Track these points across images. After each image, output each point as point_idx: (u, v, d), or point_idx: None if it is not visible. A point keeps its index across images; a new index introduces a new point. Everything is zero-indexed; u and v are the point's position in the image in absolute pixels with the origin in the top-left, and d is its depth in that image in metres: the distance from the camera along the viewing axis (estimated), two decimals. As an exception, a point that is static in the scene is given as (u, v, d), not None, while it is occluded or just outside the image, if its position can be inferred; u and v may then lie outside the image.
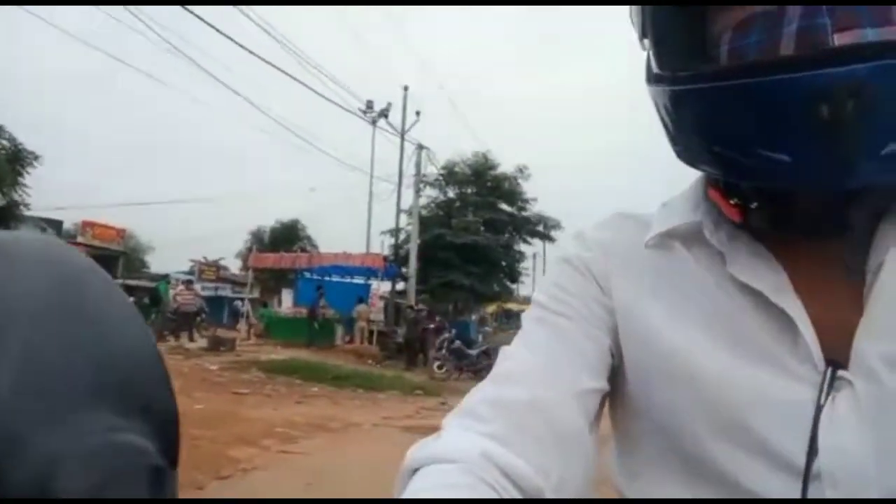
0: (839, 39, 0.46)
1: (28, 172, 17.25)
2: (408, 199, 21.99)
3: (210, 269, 23.36)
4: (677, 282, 0.63)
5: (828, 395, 0.52)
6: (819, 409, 0.52)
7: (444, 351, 14.15)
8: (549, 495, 0.50)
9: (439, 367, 13.88)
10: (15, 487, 0.18)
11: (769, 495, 0.53)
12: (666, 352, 0.60)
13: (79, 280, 0.22)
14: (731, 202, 0.59)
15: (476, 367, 13.56)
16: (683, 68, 0.55)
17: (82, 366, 0.20)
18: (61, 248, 0.22)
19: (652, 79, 0.59)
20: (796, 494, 0.52)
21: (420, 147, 21.50)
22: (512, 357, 0.62)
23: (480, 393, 0.58)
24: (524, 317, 0.67)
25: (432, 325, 16.19)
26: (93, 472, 0.18)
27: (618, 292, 0.65)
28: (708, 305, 0.60)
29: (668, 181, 0.71)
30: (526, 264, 28.15)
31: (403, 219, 23.04)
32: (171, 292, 17.52)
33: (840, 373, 0.53)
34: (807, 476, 0.52)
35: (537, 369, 0.59)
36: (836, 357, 0.54)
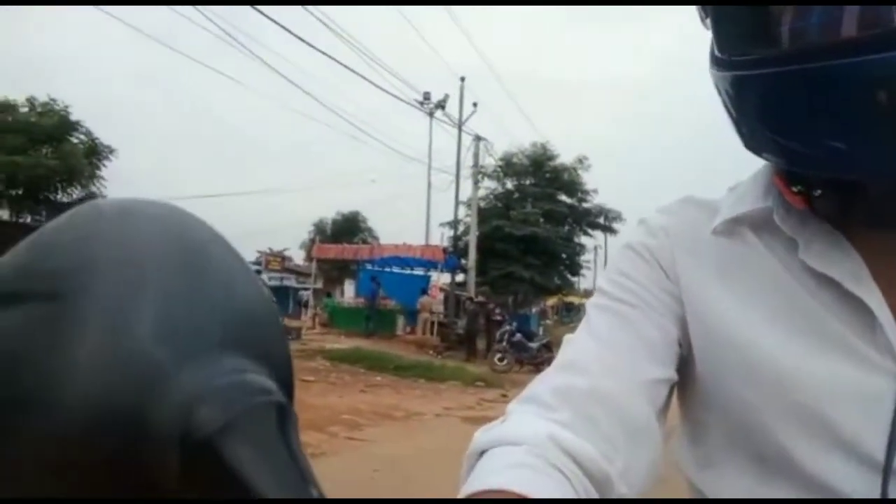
0: None
1: (104, 165, 18.24)
2: (466, 190, 22.00)
3: (275, 260, 24.06)
4: (747, 270, 0.60)
5: None
6: None
7: (504, 343, 14.14)
8: (614, 480, 0.50)
9: (500, 360, 13.89)
10: (160, 422, 0.20)
11: (847, 490, 0.52)
12: (737, 342, 0.58)
13: (203, 240, 0.25)
14: (794, 189, 0.56)
15: (536, 360, 13.49)
16: (743, 52, 0.53)
17: (211, 314, 0.22)
18: (183, 214, 0.25)
19: (713, 62, 0.57)
20: (876, 489, 0.50)
21: (477, 138, 21.45)
22: (576, 345, 0.61)
23: (545, 381, 0.57)
24: (588, 304, 0.65)
25: (498, 318, 16.18)
26: (227, 408, 0.20)
27: (685, 280, 0.62)
28: (780, 294, 0.58)
29: (737, 174, 0.68)
30: (587, 257, 27.76)
31: (462, 210, 23.04)
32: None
33: None
34: (887, 471, 0.50)
35: (602, 358, 0.58)
36: None
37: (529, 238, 22.30)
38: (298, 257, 33.83)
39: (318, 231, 33.40)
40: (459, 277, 21.36)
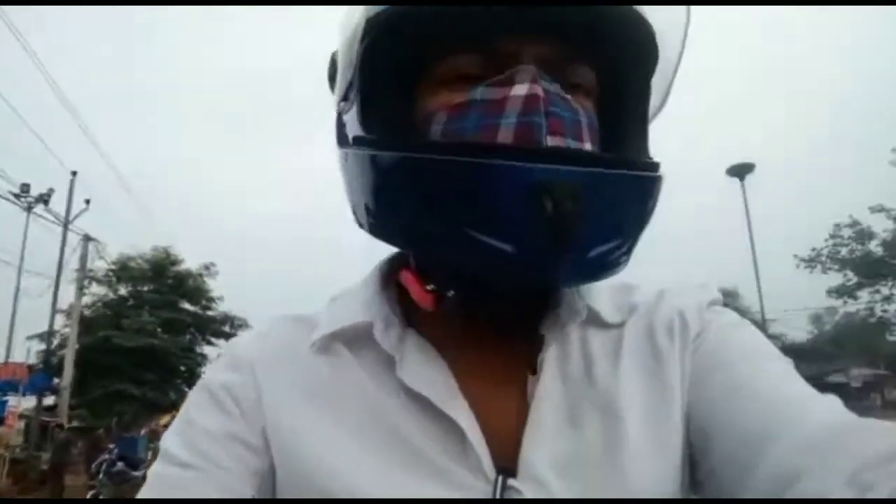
0: (551, 141, 0.48)
1: None
2: (69, 296, 19.05)
3: None
4: (340, 389, 0.57)
5: None
6: None
7: (101, 476, 12.09)
8: None
9: (95, 496, 11.81)
10: None
11: None
12: (328, 478, 0.53)
13: None
14: (428, 288, 0.54)
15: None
16: (397, 135, 0.52)
17: None
18: None
19: (351, 141, 0.55)
20: None
21: (87, 238, 19.05)
22: None
23: None
24: (151, 472, 0.57)
25: (111, 445, 13.81)
26: None
27: (272, 417, 0.57)
28: (376, 417, 0.55)
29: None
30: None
31: (60, 320, 19.78)
32: None
33: (510, 482, 0.51)
34: None
35: None
36: (508, 465, 0.52)
37: (145, 350, 20.21)
38: None
39: None
40: (49, 400, 17.90)
